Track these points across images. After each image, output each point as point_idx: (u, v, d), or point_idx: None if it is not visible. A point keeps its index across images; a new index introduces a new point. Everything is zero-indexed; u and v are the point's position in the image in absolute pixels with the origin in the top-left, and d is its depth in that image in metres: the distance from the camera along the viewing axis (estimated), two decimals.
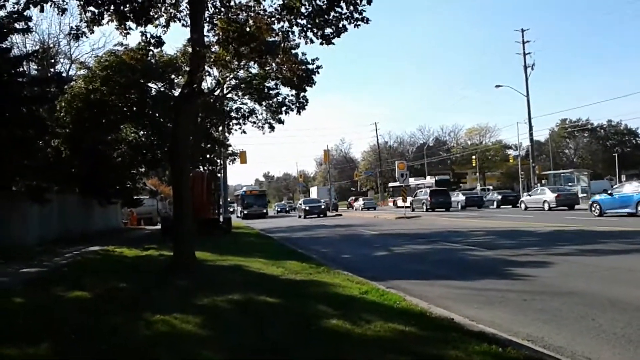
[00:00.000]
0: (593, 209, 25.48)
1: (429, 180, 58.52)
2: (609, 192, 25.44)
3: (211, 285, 9.02)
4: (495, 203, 44.79)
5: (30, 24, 17.76)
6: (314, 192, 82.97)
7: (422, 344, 5.20)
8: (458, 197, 47.47)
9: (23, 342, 5.72)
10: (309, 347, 5.21)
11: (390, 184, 72.95)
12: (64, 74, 25.83)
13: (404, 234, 21.85)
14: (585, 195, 40.26)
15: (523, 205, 36.40)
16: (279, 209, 78.72)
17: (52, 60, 30.09)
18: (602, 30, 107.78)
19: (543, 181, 50.23)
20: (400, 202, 47.39)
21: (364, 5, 11.67)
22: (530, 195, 37.03)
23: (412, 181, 54.13)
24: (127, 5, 11.29)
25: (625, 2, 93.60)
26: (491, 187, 67.24)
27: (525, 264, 11.02)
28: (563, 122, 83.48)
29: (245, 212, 54.71)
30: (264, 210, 57.47)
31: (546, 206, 33.81)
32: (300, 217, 48.30)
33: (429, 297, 7.93)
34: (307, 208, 48.49)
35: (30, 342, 5.70)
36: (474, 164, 72.93)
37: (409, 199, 42.87)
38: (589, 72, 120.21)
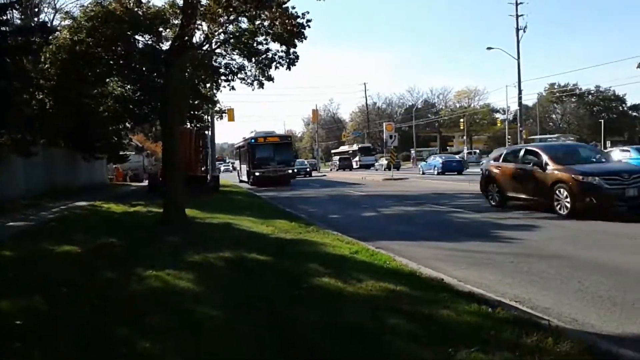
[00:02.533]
0: (419, 170, 41.35)
1: (355, 147, 71.43)
2: (426, 160, 42.22)
3: (202, 242, 9.04)
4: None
5: None
6: None
7: (413, 303, 5.27)
8: (381, 162, 53.90)
9: (15, 294, 5.72)
10: (302, 305, 5.26)
11: (333, 151, 77.70)
12: (48, 24, 25.10)
13: (391, 195, 21.97)
14: None
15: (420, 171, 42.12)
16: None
17: (36, 9, 29.17)
18: None
19: None
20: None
21: None
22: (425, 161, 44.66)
23: (344, 148, 72.64)
24: None
25: None
26: (477, 151, 67.59)
27: (512, 227, 11.17)
28: (551, 87, 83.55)
29: (257, 173, 32.83)
30: (290, 171, 34.36)
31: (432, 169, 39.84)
32: None
33: (417, 257, 8.02)
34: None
35: (21, 294, 5.70)
36: (461, 127, 73.03)
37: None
38: (579, 36, 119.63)
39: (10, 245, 9.11)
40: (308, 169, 50.58)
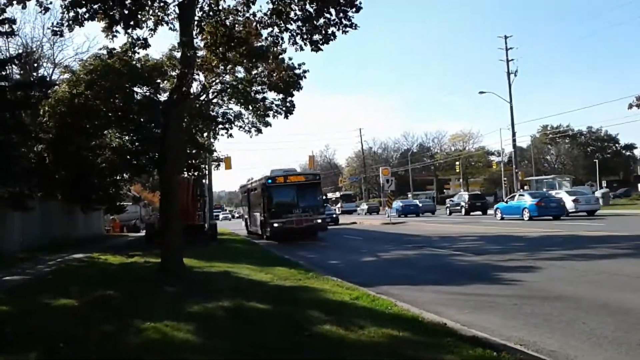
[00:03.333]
0: (386, 214, 39.41)
1: (337, 194, 79.67)
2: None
3: (200, 291, 8.94)
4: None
5: (14, 26, 17.49)
6: None
7: (416, 349, 5.20)
8: (363, 206, 67.03)
9: (11, 350, 5.61)
10: (303, 353, 5.18)
11: None
12: (47, 79, 25.54)
13: (390, 239, 21.90)
14: None
15: (389, 212, 42.07)
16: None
17: (35, 65, 29.72)
18: (582, 37, 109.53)
19: (525, 187, 50.70)
20: None
21: (353, 12, 11.70)
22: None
23: (329, 195, 75.48)
24: (116, 9, 11.18)
25: (606, 10, 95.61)
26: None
27: (513, 268, 11.10)
28: (544, 129, 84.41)
29: (276, 224, 23.98)
30: (319, 221, 24.60)
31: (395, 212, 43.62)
32: None
33: (419, 302, 7.95)
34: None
35: (18, 350, 5.59)
36: (457, 170, 73.45)
37: None
38: (570, 78, 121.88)
39: (6, 300, 8.98)
40: (334, 216, 40.00)
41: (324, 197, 28.58)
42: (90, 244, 23.61)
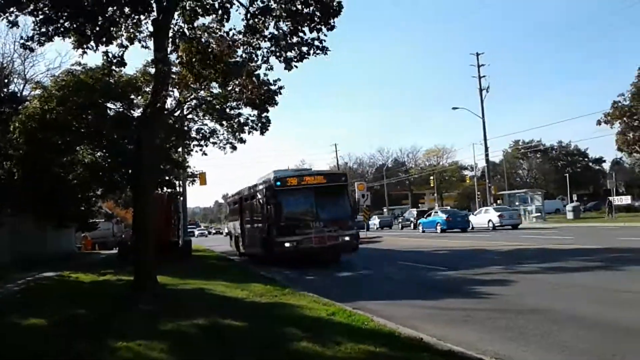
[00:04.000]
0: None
1: None
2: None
3: (174, 309, 8.80)
4: None
5: None
6: None
7: None
8: None
9: None
10: None
11: None
12: (18, 94, 25.11)
13: (365, 254, 21.90)
14: (539, 214, 42.26)
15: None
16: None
17: (6, 80, 29.12)
18: (551, 54, 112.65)
19: (499, 201, 51.49)
20: None
21: (326, 31, 11.79)
22: None
23: None
24: (87, 26, 11.08)
25: (577, 27, 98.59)
26: (449, 208, 68.41)
27: (487, 282, 11.21)
28: (516, 143, 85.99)
29: (287, 244, 16.94)
30: (347, 238, 17.55)
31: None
32: None
33: (396, 317, 7.95)
34: None
35: None
36: (432, 185, 74.17)
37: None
38: (540, 94, 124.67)
39: None
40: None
41: (352, 204, 20.37)
42: (62, 261, 23.08)
